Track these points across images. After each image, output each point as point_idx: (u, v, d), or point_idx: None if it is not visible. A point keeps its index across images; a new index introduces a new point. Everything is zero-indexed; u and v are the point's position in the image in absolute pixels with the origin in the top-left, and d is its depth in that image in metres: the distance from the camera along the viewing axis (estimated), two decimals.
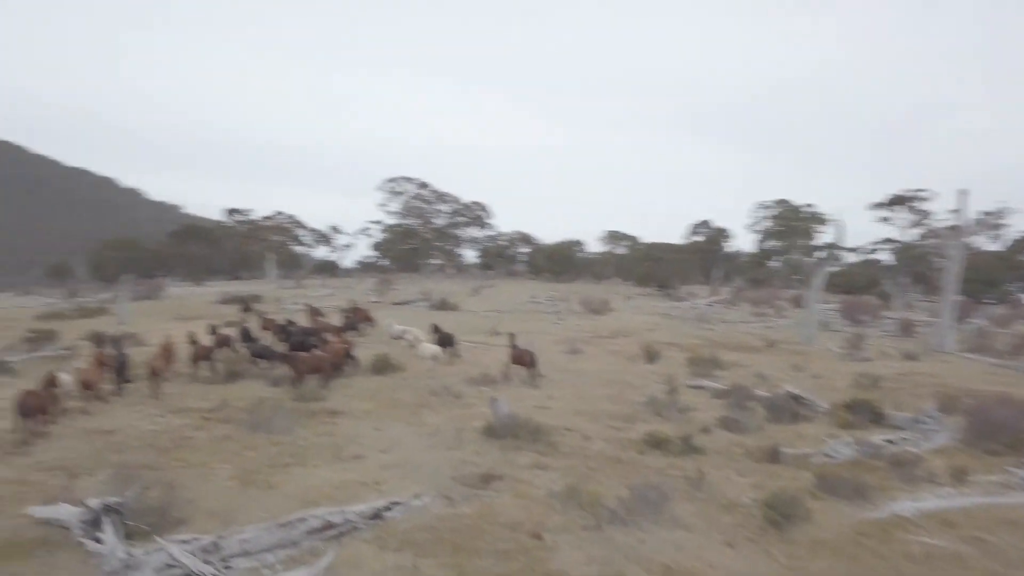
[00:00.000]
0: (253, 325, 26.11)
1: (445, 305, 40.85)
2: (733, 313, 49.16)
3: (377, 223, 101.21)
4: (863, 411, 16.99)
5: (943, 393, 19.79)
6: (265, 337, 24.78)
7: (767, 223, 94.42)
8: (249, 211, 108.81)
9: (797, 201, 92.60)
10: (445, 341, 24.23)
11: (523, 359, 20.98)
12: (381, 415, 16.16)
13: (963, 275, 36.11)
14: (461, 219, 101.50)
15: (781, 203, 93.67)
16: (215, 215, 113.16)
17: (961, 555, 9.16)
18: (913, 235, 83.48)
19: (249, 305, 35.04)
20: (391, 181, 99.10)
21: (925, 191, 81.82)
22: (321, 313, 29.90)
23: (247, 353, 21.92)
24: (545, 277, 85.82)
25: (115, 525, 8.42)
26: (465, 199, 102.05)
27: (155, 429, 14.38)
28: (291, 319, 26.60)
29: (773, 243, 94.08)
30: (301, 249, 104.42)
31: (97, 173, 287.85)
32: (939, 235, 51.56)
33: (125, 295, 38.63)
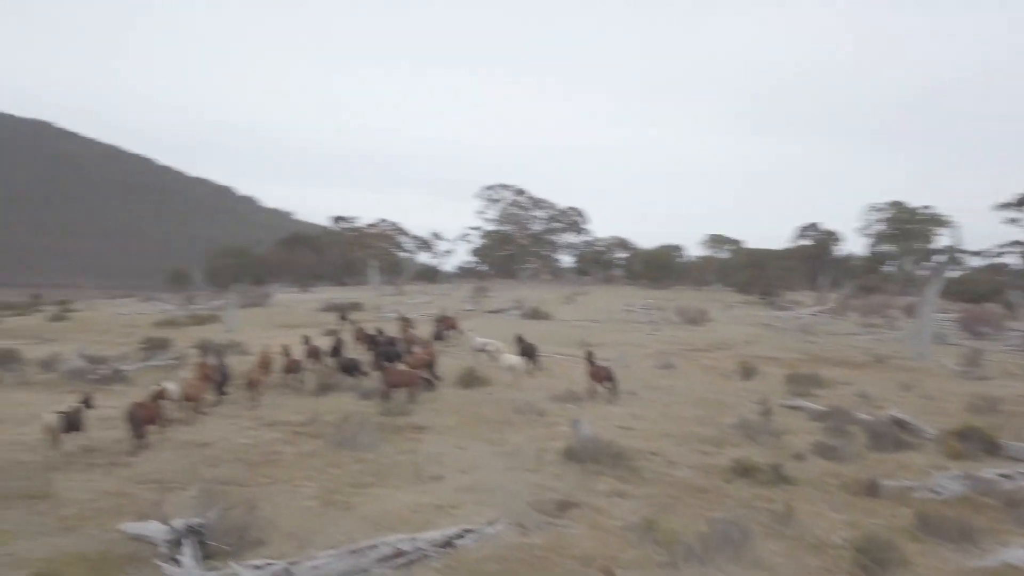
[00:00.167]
0: (347, 335, 26.83)
1: (537, 314, 40.82)
2: (839, 324, 46.92)
3: (476, 229, 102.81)
4: (976, 440, 15.72)
5: None
6: (359, 347, 25.41)
7: (879, 226, 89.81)
8: (354, 218, 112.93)
9: (913, 202, 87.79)
10: (527, 352, 24.23)
11: (601, 374, 20.77)
12: (464, 432, 16.23)
13: None
14: (557, 225, 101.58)
15: (895, 204, 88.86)
16: (324, 222, 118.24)
17: None
18: None
19: (345, 314, 36.09)
20: (488, 188, 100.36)
21: None
22: (411, 323, 30.41)
23: (335, 365, 22.49)
24: (642, 284, 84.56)
25: (195, 547, 8.73)
26: (561, 205, 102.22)
27: (247, 443, 14.93)
28: (381, 328, 27.16)
29: (886, 247, 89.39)
30: (403, 255, 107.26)
31: (216, 182, 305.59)
32: None
33: (233, 303, 40.60)
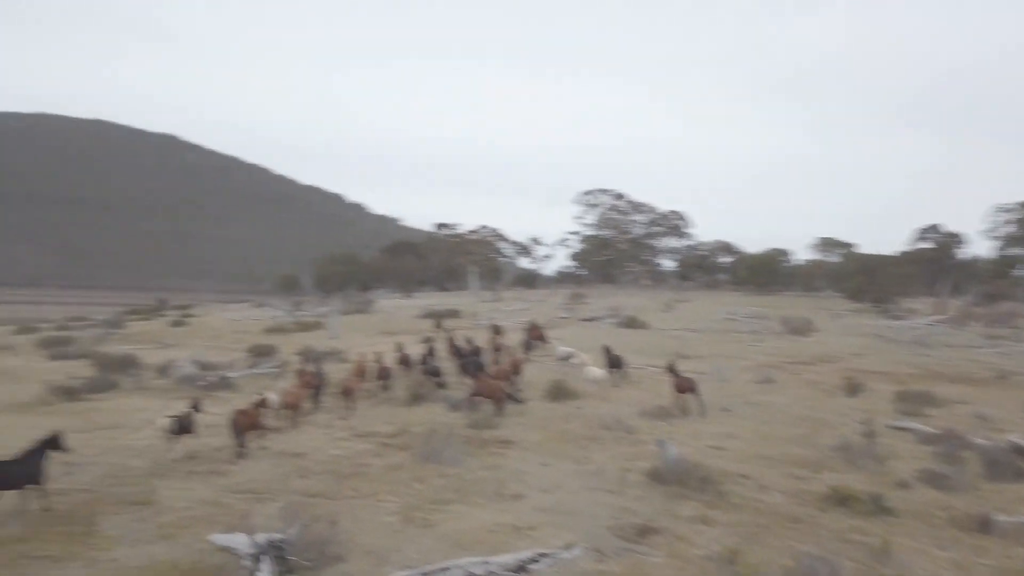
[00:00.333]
0: (440, 343, 27.24)
1: (633, 323, 40.20)
2: (959, 335, 43.88)
3: (575, 234, 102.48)
4: None
5: None
6: (450, 356, 25.73)
7: (1009, 228, 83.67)
8: (456, 225, 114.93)
9: None
10: (614, 363, 23.92)
11: (684, 386, 20.34)
12: (549, 448, 16.13)
13: None
14: (658, 229, 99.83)
15: None
16: (428, 228, 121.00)
17: None
18: None
19: (440, 321, 36.69)
20: (587, 193, 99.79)
21: None
22: (501, 331, 30.59)
23: (422, 373, 22.88)
24: (748, 290, 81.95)
25: (274, 562, 9.01)
26: (662, 208, 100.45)
27: (339, 454, 15.35)
28: (470, 338, 27.49)
29: (1016, 251, 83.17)
30: (503, 260, 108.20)
31: (327, 190, 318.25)
32: None
33: (336, 309, 42.03)
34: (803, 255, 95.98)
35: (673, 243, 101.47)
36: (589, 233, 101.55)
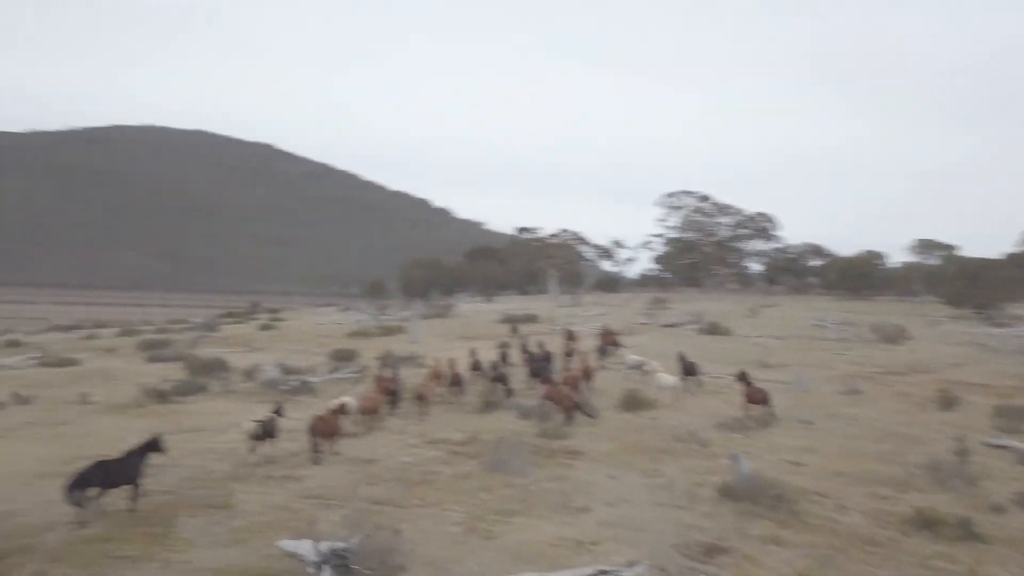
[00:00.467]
0: (515, 349, 27.31)
1: (715, 329, 39.21)
2: None
3: (659, 236, 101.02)
4: None
5: None
6: (524, 362, 25.75)
7: None
8: (538, 229, 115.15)
9: None
10: (688, 371, 23.45)
11: (756, 396, 19.88)
12: (619, 460, 15.92)
13: None
14: (744, 231, 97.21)
15: None
16: (512, 231, 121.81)
17: None
18: None
19: (516, 327, 36.79)
20: (670, 195, 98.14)
21: None
22: (575, 337, 30.43)
23: (489, 380, 22.96)
24: (839, 294, 78.83)
25: (337, 571, 9.21)
26: (749, 210, 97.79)
27: (409, 461, 15.59)
28: (542, 343, 27.46)
29: None
30: (585, 264, 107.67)
31: (414, 195, 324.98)
32: None
33: (417, 314, 42.71)
34: (899, 258, 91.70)
35: (760, 246, 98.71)
36: (673, 236, 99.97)
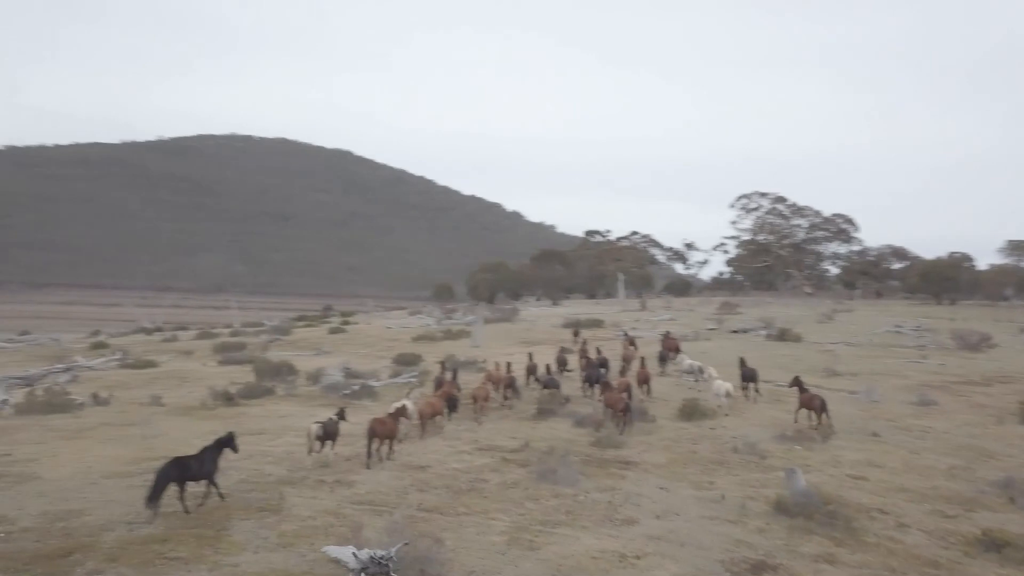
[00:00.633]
0: (574, 355, 27.26)
1: (785, 335, 38.12)
2: None
3: (732, 239, 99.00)
4: None
5: None
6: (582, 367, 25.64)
7: None
8: (607, 231, 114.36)
9: None
10: (747, 377, 22.89)
11: (812, 403, 19.35)
12: (672, 471, 15.65)
13: None
14: (821, 234, 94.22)
15: None
16: (582, 234, 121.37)
17: None
18: None
19: (578, 332, 36.67)
20: (744, 197, 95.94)
21: None
22: (634, 342, 30.17)
23: (542, 387, 22.93)
24: (921, 298, 75.58)
25: None
26: (827, 212, 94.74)
27: (459, 467, 15.68)
28: (599, 348, 27.36)
29: None
30: (654, 267, 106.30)
31: (487, 200, 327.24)
32: None
33: (480, 318, 43.02)
34: (988, 260, 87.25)
35: (838, 248, 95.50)
36: (746, 238, 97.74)
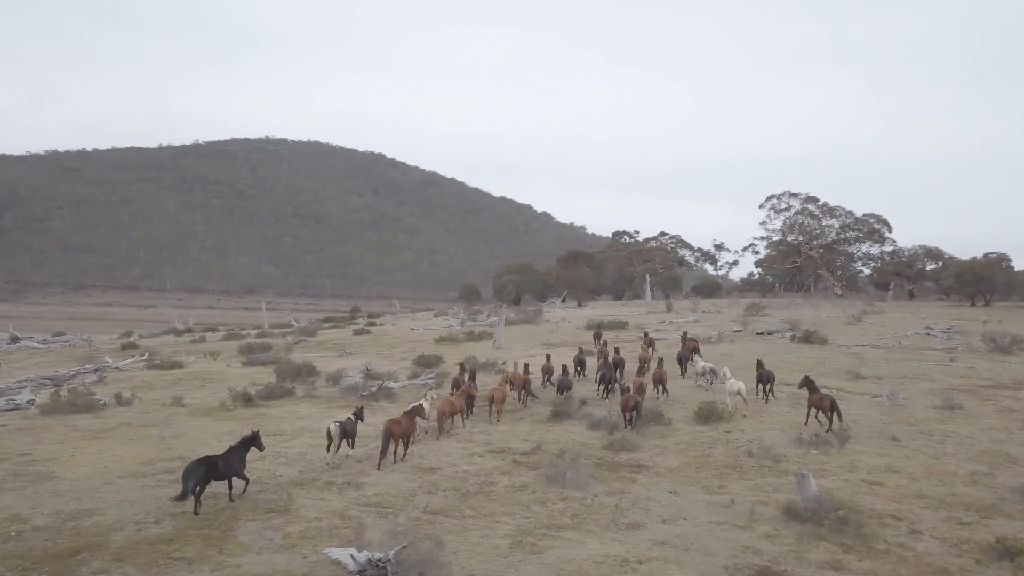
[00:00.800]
0: (592, 357, 27.21)
1: (810, 338, 37.53)
2: None
3: (763, 239, 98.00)
4: None
5: None
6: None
7: None
8: (635, 232, 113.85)
9: None
10: (763, 379, 22.65)
11: (821, 403, 19.19)
12: (684, 475, 15.51)
13: None
14: (852, 234, 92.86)
15: None
16: (611, 236, 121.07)
17: None
18: None
19: (600, 334, 36.57)
20: (773, 197, 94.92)
21: None
22: (653, 344, 30.05)
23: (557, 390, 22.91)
24: (956, 299, 74.07)
25: None
26: (859, 212, 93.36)
27: (469, 470, 15.71)
28: (618, 348, 27.29)
29: None
30: (682, 268, 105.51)
31: (517, 201, 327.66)
32: None
33: (502, 320, 43.05)
34: None
35: (870, 249, 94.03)
36: (776, 239, 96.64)
